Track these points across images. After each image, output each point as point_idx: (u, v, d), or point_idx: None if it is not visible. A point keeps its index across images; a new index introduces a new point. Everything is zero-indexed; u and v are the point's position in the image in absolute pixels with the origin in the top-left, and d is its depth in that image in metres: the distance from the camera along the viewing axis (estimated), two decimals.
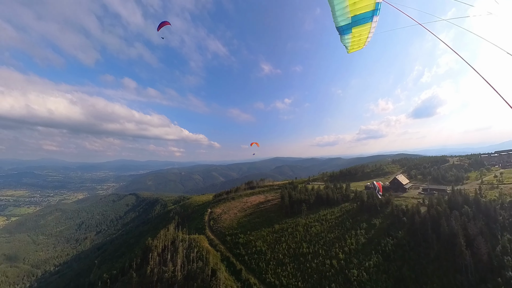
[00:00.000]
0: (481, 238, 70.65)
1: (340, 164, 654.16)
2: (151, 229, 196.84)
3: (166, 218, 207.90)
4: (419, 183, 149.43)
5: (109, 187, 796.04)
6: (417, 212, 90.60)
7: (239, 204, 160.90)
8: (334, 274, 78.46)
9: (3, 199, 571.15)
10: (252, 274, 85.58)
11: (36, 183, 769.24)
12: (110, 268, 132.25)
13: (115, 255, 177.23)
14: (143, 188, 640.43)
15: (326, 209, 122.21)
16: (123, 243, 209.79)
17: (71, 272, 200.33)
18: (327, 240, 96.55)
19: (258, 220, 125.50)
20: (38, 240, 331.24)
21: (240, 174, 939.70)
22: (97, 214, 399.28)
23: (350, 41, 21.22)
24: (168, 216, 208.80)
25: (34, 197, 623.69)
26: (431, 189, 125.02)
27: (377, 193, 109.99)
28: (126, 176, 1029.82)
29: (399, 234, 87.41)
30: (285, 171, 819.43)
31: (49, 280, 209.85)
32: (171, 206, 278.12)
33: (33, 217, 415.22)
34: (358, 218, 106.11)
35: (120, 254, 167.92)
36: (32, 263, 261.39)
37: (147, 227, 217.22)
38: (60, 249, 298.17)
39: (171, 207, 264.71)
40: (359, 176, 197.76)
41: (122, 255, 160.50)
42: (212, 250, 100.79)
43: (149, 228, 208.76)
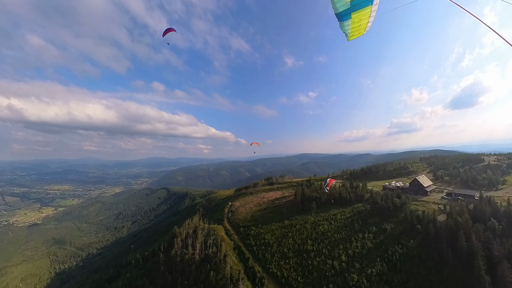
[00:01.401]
0: (507, 263, 58.35)
1: (369, 161, 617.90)
2: (180, 219, 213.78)
3: (193, 210, 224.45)
4: (445, 185, 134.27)
5: (143, 182, 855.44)
6: (433, 220, 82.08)
7: (256, 199, 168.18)
8: (333, 275, 78.80)
9: (51, 193, 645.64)
10: (257, 263, 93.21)
11: (78, 179, 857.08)
12: (143, 251, 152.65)
13: (148, 241, 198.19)
14: (173, 183, 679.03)
15: (337, 209, 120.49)
16: (155, 231, 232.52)
17: (110, 255, 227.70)
18: (332, 240, 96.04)
19: (271, 215, 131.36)
20: (82, 227, 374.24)
21: (265, 169, 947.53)
22: (132, 206, 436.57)
23: (350, 27, 20.68)
24: (195, 208, 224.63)
25: (77, 191, 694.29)
26: (456, 194, 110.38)
27: (325, 187, 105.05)
28: (158, 172, 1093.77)
29: (411, 243, 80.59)
30: (311, 168, 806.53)
31: (92, 261, 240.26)
32: (198, 200, 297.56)
33: (77, 208, 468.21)
34: (369, 220, 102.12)
35: (152, 240, 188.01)
36: (77, 246, 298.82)
37: (176, 218, 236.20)
38: (101, 235, 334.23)
39: (198, 201, 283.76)
40: (380, 175, 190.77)
41: (154, 241, 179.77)
42: (227, 239, 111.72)
43: (178, 218, 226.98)
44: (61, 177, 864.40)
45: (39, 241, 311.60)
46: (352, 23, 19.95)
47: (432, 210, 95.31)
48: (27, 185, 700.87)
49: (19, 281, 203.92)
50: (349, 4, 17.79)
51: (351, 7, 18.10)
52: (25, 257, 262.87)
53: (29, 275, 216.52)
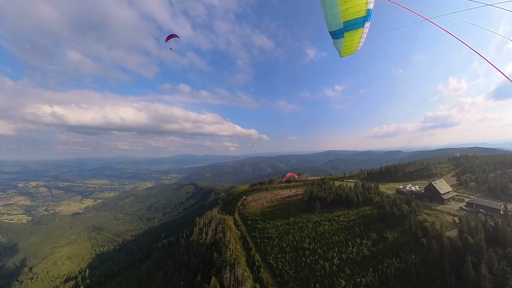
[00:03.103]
0: None
1: (400, 159, 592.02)
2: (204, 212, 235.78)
3: (215, 203, 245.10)
4: (469, 193, 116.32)
5: (172, 177, 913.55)
6: (439, 235, 73.11)
7: (270, 195, 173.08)
8: (322, 276, 79.24)
9: (91, 186, 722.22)
10: (258, 253, 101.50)
11: (114, 175, 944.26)
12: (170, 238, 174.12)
13: (176, 230, 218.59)
14: (201, 179, 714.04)
15: (342, 210, 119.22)
16: (182, 222, 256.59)
17: (143, 241, 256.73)
18: (329, 242, 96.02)
19: (279, 212, 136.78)
20: (117, 216, 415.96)
21: (289, 166, 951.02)
22: (163, 200, 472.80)
23: (342, 45, 21.60)
24: (216, 202, 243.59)
25: (113, 185, 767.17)
26: (477, 205, 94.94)
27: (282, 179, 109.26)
28: (186, 168, 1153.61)
29: (411, 258, 73.88)
30: (338, 165, 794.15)
31: (127, 246, 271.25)
32: (222, 194, 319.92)
33: (113, 200, 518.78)
34: (371, 226, 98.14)
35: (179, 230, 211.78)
36: (114, 233, 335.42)
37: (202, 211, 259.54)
38: (134, 224, 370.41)
39: (221, 195, 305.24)
40: (399, 176, 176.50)
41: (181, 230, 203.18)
42: (234, 228, 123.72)
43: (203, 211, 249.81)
44: (99, 173, 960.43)
45: (81, 227, 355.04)
46: (345, 41, 21.13)
47: (445, 222, 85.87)
48: (70, 180, 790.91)
49: (66, 259, 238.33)
50: (342, 24, 19.06)
51: (344, 27, 19.38)
52: (70, 240, 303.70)
53: (73, 255, 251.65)
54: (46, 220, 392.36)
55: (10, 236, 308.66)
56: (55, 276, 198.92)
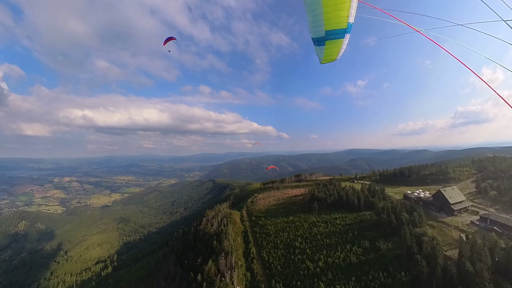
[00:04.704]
0: None
1: (426, 158, 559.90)
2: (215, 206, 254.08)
3: (228, 198, 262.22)
4: (488, 204, 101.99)
5: (195, 175, 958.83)
6: (433, 255, 67.14)
7: (278, 194, 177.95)
8: (304, 276, 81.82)
9: (118, 182, 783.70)
10: (255, 247, 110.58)
11: (139, 172, 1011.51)
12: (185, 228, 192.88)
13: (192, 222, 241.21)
14: (220, 176, 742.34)
15: (342, 213, 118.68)
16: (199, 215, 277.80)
17: (165, 232, 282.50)
18: (320, 243, 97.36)
19: (282, 210, 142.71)
20: (143, 210, 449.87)
21: (310, 165, 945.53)
22: (185, 195, 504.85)
23: (323, 53, 22.29)
24: (229, 197, 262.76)
25: (139, 181, 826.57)
26: (492, 222, 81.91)
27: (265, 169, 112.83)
28: (208, 166, 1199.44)
29: (400, 275, 69.37)
30: (359, 165, 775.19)
31: (151, 236, 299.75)
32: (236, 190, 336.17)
33: (139, 195, 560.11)
34: (366, 233, 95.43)
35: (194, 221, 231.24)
36: (140, 224, 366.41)
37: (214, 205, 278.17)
38: (159, 218, 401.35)
39: (235, 191, 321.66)
40: (413, 180, 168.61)
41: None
42: (239, 223, 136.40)
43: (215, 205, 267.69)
44: (126, 170, 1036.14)
45: (109, 218, 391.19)
46: (326, 49, 21.70)
47: (449, 238, 78.66)
48: (99, 176, 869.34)
49: (96, 245, 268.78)
50: (324, 33, 19.65)
51: (325, 36, 19.97)
52: (100, 229, 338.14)
53: (103, 242, 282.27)
54: (78, 211, 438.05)
55: (47, 224, 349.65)
56: (87, 259, 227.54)
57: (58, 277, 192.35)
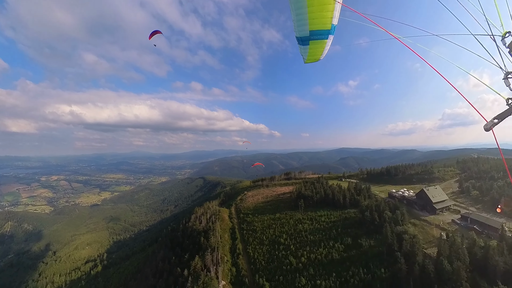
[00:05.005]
0: None
1: (415, 158, 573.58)
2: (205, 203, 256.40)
3: (218, 196, 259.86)
4: (470, 203, 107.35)
5: (186, 172, 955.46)
6: (412, 253, 68.97)
7: (267, 191, 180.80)
8: (287, 271, 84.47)
9: (108, 180, 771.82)
10: (242, 243, 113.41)
11: (130, 169, 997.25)
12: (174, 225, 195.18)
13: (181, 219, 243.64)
14: (210, 173, 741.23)
15: (328, 210, 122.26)
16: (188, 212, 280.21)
17: (155, 230, 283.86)
18: (304, 240, 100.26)
19: (269, 208, 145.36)
20: (134, 209, 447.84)
21: (301, 163, 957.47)
22: (175, 193, 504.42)
23: (307, 52, 22.25)
24: (220, 195, 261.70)
25: (129, 179, 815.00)
26: (472, 221, 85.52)
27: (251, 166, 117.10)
28: (199, 163, 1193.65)
29: (379, 272, 70.92)
30: (350, 163, 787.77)
31: (142, 234, 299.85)
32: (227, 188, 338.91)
33: (130, 193, 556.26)
34: (349, 230, 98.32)
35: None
36: (130, 223, 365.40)
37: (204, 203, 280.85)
38: (149, 216, 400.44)
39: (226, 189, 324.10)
40: (398, 179, 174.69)
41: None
42: (227, 220, 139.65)
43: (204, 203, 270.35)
44: (115, 168, 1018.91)
45: (99, 217, 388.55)
46: (310, 49, 21.65)
47: (429, 236, 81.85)
48: (88, 174, 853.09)
49: (86, 245, 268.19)
50: (309, 33, 19.59)
51: (310, 36, 19.91)
52: (89, 229, 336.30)
53: (93, 242, 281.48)
54: (67, 211, 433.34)
55: (35, 224, 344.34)
56: (77, 259, 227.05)
57: (47, 278, 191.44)
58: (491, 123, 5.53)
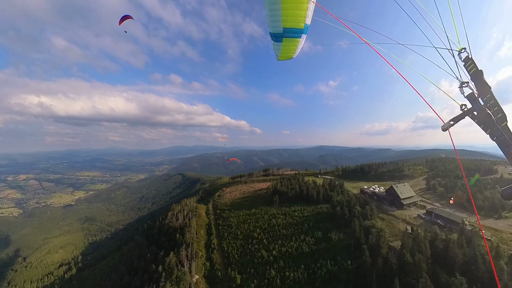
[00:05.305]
0: None
1: (389, 156, 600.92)
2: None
3: (197, 193, 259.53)
4: (436, 199, 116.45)
5: (164, 168, 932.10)
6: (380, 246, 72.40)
7: (245, 188, 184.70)
8: (258, 264, 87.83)
9: (82, 178, 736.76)
10: (217, 238, 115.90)
11: (106, 166, 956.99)
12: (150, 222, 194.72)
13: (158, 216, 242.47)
14: (190, 169, 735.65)
15: (302, 205, 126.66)
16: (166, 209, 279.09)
17: (132, 228, 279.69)
18: (276, 234, 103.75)
19: (246, 203, 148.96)
20: (110, 208, 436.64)
21: (281, 160, 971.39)
22: (153, 190, 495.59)
23: (280, 49, 22.12)
24: (198, 192, 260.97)
25: (105, 177, 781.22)
26: (436, 215, 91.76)
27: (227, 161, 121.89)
28: (177, 159, 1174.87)
29: (346, 264, 74.66)
30: (328, 161, 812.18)
31: (119, 234, 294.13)
32: (207, 185, 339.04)
33: (106, 192, 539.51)
34: (320, 225, 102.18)
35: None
36: (106, 223, 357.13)
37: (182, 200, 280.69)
38: (126, 215, 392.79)
39: (205, 185, 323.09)
40: (371, 176, 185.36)
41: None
42: (204, 216, 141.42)
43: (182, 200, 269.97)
44: (90, 165, 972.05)
45: (73, 218, 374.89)
46: (283, 46, 21.47)
47: (396, 230, 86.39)
48: (60, 172, 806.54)
49: (59, 248, 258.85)
50: (282, 30, 19.46)
51: (283, 33, 19.76)
52: (63, 231, 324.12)
53: (66, 244, 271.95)
54: (38, 213, 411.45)
55: (2, 228, 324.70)
56: (49, 264, 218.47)
57: (17, 286, 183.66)
58: (448, 125, 6.30)
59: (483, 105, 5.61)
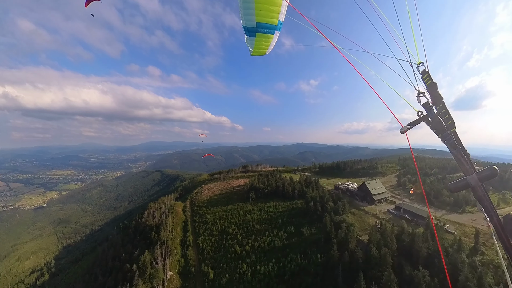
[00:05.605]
0: None
1: (366, 154, 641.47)
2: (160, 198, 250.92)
3: (175, 190, 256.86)
4: (406, 195, 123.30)
5: (141, 165, 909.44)
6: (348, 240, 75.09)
7: (224, 184, 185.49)
8: (231, 258, 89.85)
9: (54, 178, 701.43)
10: (193, 235, 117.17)
11: (80, 164, 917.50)
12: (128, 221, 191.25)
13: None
14: (169, 166, 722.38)
15: (277, 201, 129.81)
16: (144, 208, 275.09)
17: (108, 228, 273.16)
18: (251, 229, 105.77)
19: (223, 200, 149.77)
20: (85, 208, 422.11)
21: (262, 157, 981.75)
22: (130, 188, 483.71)
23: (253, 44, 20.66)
24: (177, 189, 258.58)
25: (80, 175, 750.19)
26: (405, 210, 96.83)
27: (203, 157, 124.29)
28: (155, 155, 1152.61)
29: (315, 257, 77.12)
30: (308, 158, 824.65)
31: (94, 235, 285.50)
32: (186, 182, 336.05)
33: (80, 191, 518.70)
34: (294, 219, 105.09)
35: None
36: (81, 224, 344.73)
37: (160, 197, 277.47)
38: (102, 215, 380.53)
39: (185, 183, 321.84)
40: (346, 173, 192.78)
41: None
42: (181, 213, 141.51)
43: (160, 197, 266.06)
44: (63, 163, 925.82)
45: (45, 221, 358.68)
46: (256, 41, 20.32)
47: (366, 224, 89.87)
48: (30, 171, 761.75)
49: (30, 254, 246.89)
50: (255, 24, 18.48)
51: (256, 28, 18.83)
52: (34, 236, 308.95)
53: (38, 250, 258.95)
54: (5, 217, 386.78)
55: None
56: (19, 272, 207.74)
57: None
58: (405, 128, 6.67)
59: (436, 113, 6.23)
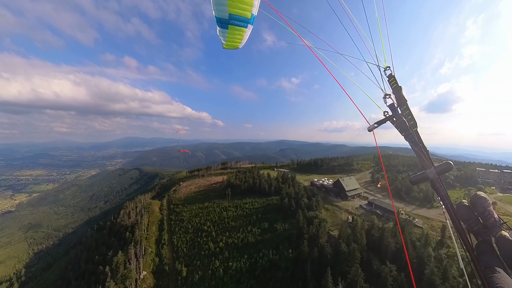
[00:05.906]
0: None
1: (344, 152, 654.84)
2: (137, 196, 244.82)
3: (153, 188, 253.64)
4: (378, 192, 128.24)
5: (117, 162, 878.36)
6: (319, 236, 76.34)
7: (202, 181, 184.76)
8: (205, 255, 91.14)
9: (23, 179, 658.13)
10: (168, 233, 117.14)
11: (52, 163, 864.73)
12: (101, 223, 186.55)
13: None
14: (148, 164, 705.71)
15: (253, 198, 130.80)
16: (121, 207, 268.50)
17: (82, 230, 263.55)
18: (225, 226, 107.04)
19: (200, 197, 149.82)
20: (58, 210, 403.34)
21: (243, 153, 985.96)
22: (105, 187, 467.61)
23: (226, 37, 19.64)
24: (155, 187, 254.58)
25: (52, 175, 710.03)
26: (376, 206, 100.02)
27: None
28: (132, 152, 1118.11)
29: (287, 253, 78.81)
30: (288, 154, 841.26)
31: (68, 238, 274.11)
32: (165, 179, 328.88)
33: (53, 192, 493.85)
34: (268, 216, 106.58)
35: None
36: (54, 228, 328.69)
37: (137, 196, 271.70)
38: (76, 216, 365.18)
39: (163, 180, 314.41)
40: (324, 169, 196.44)
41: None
42: (157, 212, 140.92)
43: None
44: (33, 162, 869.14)
45: (14, 227, 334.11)
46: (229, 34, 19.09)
47: (338, 219, 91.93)
48: None
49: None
50: (228, 16, 17.06)
51: (229, 19, 17.36)
52: (1, 244, 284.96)
53: (7, 258, 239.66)
54: None
55: None
56: None
57: None
58: (372, 127, 6.83)
59: (400, 113, 6.60)
